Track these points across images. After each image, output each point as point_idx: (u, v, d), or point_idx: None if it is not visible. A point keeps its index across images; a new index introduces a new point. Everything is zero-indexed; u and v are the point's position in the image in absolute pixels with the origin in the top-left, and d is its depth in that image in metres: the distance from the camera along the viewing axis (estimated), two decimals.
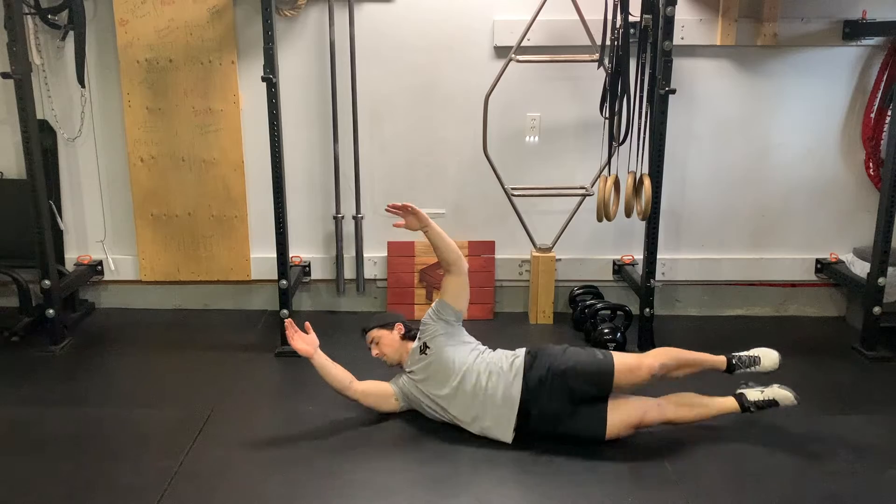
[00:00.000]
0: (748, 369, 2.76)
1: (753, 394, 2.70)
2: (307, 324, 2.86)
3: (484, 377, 2.68)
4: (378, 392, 2.83)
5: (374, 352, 2.88)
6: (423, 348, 2.78)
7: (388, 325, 2.92)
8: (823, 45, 3.63)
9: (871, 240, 3.47)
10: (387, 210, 2.84)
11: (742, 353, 2.80)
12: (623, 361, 2.63)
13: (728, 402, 2.71)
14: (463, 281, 2.83)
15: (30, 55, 3.40)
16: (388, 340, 2.87)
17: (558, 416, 2.62)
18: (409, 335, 2.90)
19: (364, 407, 2.85)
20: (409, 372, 2.82)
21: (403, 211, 2.82)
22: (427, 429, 2.77)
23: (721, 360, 2.79)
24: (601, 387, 2.62)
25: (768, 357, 2.78)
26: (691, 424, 2.71)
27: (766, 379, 2.75)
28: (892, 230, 3.32)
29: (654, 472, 2.52)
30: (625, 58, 3.12)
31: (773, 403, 2.67)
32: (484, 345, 2.88)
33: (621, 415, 2.62)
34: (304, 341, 2.78)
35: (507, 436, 2.65)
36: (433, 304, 2.87)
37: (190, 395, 3.10)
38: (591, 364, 2.63)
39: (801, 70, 3.67)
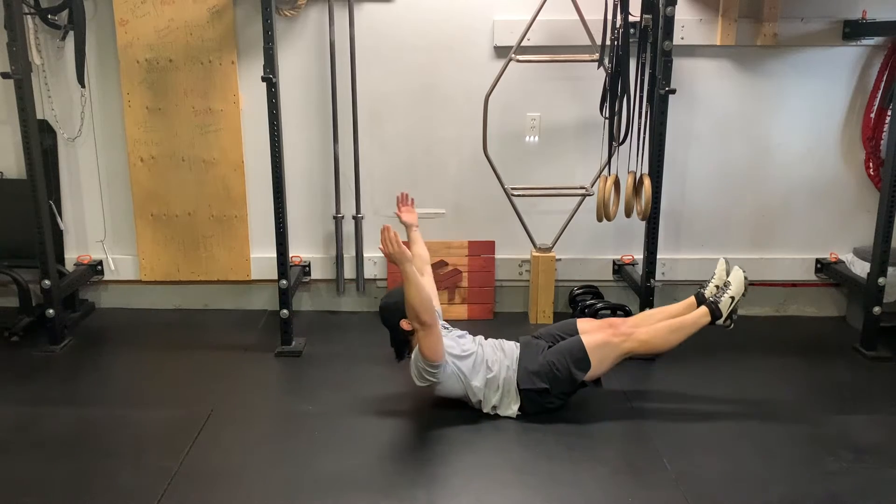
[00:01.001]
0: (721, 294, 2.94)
1: (710, 289, 2.98)
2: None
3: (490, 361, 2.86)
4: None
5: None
6: None
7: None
8: (823, 45, 3.63)
9: (871, 240, 3.47)
10: (398, 197, 3.29)
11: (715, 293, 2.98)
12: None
13: (689, 300, 3.00)
14: (432, 280, 3.15)
15: (30, 55, 3.40)
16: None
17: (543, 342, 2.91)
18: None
19: (363, 408, 2.86)
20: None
21: (408, 205, 3.29)
22: (428, 431, 2.77)
23: (701, 309, 2.94)
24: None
25: (736, 279, 2.96)
26: (662, 323, 2.92)
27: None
28: (892, 230, 3.32)
29: (654, 472, 2.52)
30: (625, 58, 3.12)
31: (727, 285, 2.92)
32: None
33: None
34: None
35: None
36: None
37: (190, 395, 3.10)
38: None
39: (801, 70, 3.67)
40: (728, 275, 2.99)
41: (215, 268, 3.91)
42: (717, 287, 2.98)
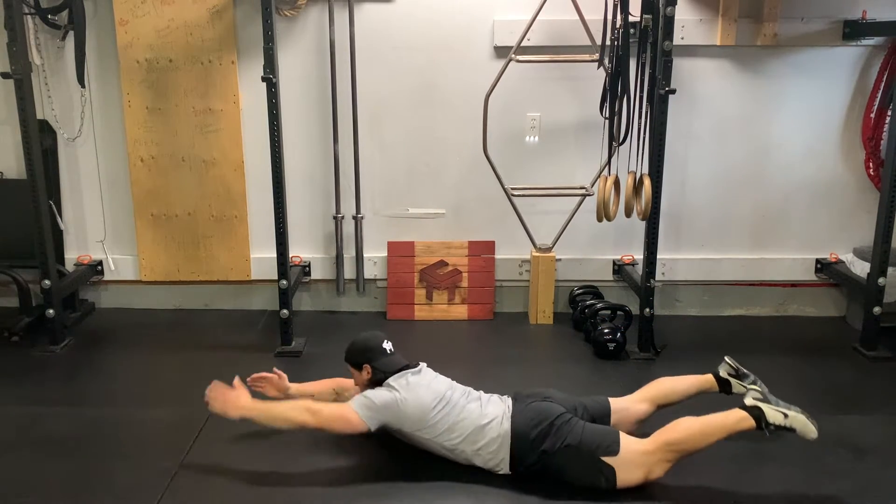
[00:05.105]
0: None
1: (774, 415, 2.39)
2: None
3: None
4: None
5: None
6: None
7: (358, 365, 2.65)
8: (823, 45, 3.62)
9: (871, 240, 3.47)
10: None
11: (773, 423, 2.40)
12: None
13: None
14: (328, 432, 2.51)
15: (30, 55, 3.39)
16: (357, 380, 2.68)
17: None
18: (375, 380, 2.60)
19: None
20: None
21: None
22: None
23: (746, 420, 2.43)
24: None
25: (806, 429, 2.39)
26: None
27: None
28: (892, 230, 3.32)
29: None
30: (625, 58, 3.12)
31: (789, 430, 2.38)
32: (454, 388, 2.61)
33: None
34: (275, 388, 2.61)
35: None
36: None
37: (190, 395, 3.07)
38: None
39: (801, 70, 3.67)
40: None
41: (215, 268, 3.91)
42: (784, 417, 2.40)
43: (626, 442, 2.39)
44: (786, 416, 2.38)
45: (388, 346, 2.65)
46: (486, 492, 2.44)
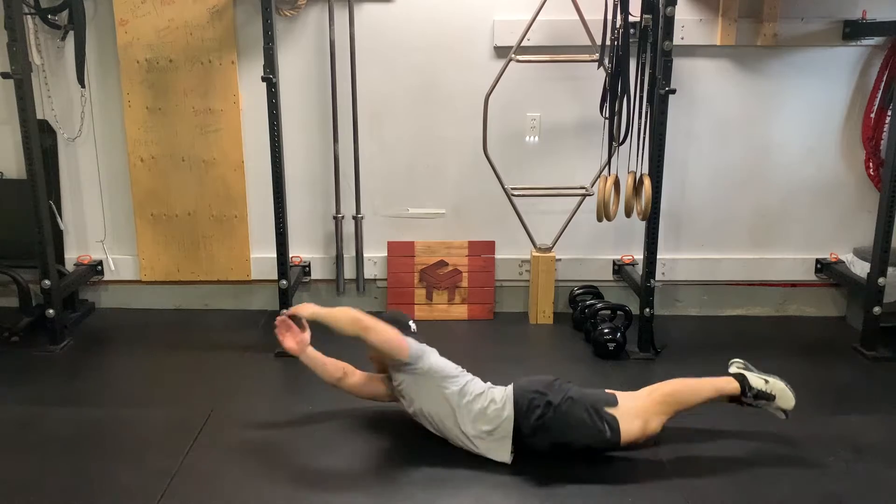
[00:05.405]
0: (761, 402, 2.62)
1: (756, 380, 2.61)
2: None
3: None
4: (372, 384, 2.80)
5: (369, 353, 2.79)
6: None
7: None
8: (823, 45, 3.63)
9: (871, 240, 3.47)
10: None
11: (757, 388, 2.61)
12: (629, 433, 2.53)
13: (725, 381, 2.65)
14: (376, 341, 2.62)
15: (30, 55, 3.39)
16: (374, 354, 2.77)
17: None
18: None
19: (363, 407, 2.86)
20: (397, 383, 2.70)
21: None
22: (428, 430, 2.76)
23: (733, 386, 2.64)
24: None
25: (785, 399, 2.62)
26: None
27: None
28: (892, 230, 3.32)
29: (654, 472, 2.52)
30: (625, 58, 3.12)
31: (770, 397, 2.60)
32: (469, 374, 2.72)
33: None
34: (296, 340, 2.76)
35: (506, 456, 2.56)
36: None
37: (190, 395, 3.10)
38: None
39: (801, 70, 3.67)
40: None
41: (215, 268, 3.91)
42: (765, 383, 2.63)
43: (623, 395, 2.59)
44: (766, 381, 2.62)
45: (413, 325, 2.80)
46: (486, 479, 2.47)
